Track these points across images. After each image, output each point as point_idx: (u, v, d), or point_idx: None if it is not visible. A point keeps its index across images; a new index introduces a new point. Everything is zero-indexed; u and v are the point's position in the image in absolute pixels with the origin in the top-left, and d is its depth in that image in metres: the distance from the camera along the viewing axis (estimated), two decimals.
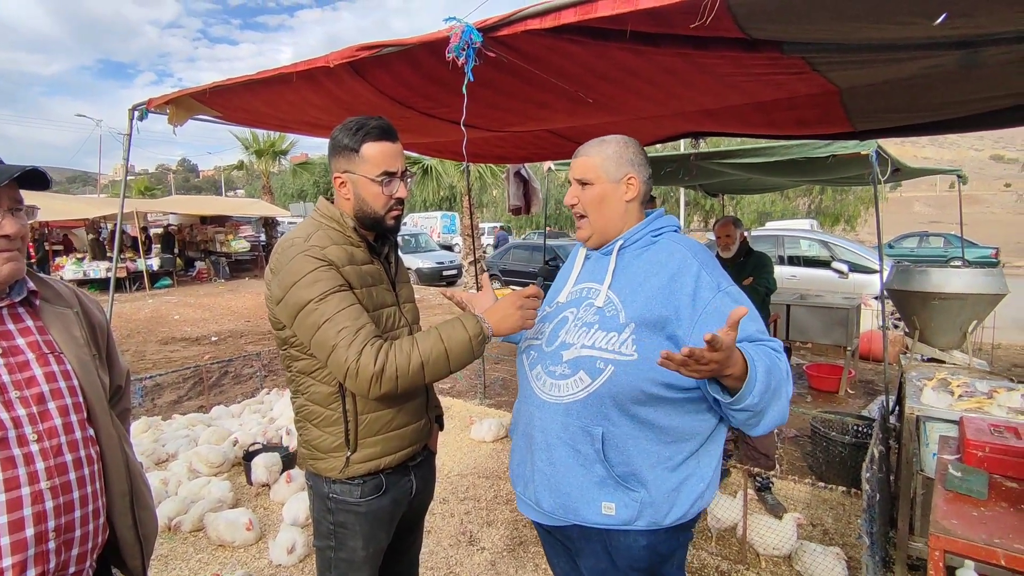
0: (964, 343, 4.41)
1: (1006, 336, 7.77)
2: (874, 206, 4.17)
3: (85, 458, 1.17)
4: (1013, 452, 1.70)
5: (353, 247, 1.54)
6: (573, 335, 1.45)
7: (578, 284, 1.56)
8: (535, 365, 1.52)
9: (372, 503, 1.57)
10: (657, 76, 2.39)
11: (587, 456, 1.38)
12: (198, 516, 3.31)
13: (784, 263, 9.62)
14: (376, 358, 1.35)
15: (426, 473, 1.77)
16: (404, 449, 1.60)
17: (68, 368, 1.19)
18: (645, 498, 1.35)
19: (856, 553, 2.97)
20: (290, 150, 22.10)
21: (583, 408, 1.38)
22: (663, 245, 1.47)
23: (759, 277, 3.62)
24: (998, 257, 16.41)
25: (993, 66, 2.05)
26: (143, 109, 3.10)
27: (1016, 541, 1.36)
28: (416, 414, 1.63)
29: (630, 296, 1.41)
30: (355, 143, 1.52)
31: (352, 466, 1.53)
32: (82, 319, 1.29)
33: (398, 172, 1.55)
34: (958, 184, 6.84)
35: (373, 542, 1.60)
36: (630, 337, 1.36)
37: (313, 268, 1.43)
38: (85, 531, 1.16)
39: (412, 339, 1.42)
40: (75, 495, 1.14)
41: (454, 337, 1.42)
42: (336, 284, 1.43)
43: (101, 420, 1.23)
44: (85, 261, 15.31)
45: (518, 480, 1.56)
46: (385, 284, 1.61)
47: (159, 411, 5.66)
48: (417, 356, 1.38)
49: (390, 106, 2.81)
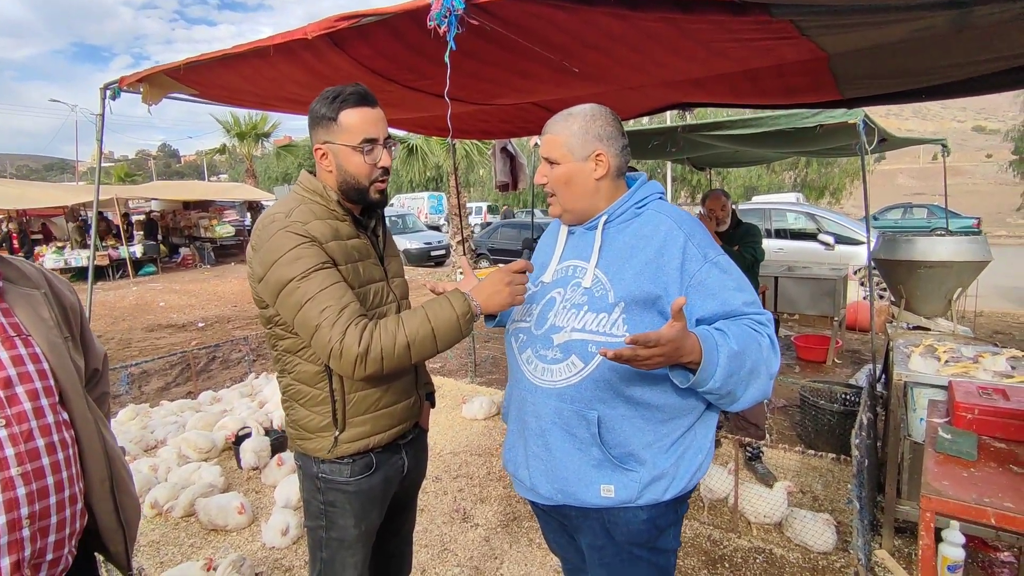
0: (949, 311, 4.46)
1: (988, 304, 7.90)
2: (860, 178, 4.18)
3: (59, 443, 1.13)
4: (1001, 413, 1.71)
5: (338, 221, 1.48)
6: (562, 318, 1.41)
7: (563, 262, 1.50)
8: (525, 348, 1.48)
9: (362, 482, 1.54)
10: (643, 43, 2.34)
11: (583, 440, 1.35)
12: (189, 501, 3.29)
13: (771, 236, 9.65)
14: (360, 339, 1.31)
15: (418, 451, 1.74)
16: (394, 428, 1.57)
17: (37, 351, 1.15)
18: (644, 477, 1.33)
19: (845, 518, 3.02)
20: (273, 132, 21.72)
21: (577, 393, 1.35)
22: (648, 217, 1.42)
23: (746, 246, 3.62)
24: (980, 227, 16.62)
25: (984, 27, 2.02)
26: (115, 88, 3.00)
27: (1005, 500, 1.37)
28: (405, 392, 1.59)
29: (618, 274, 1.36)
30: (332, 112, 1.46)
31: (340, 446, 1.50)
32: (51, 300, 1.24)
33: (380, 139, 1.49)
34: (942, 155, 6.88)
35: (364, 521, 1.58)
36: (620, 317, 1.32)
37: (295, 245, 1.37)
38: (62, 517, 1.13)
39: (398, 318, 1.37)
40: (49, 481, 1.10)
41: (441, 316, 1.37)
42: (319, 261, 1.38)
43: (75, 404, 1.18)
44: (66, 250, 15.03)
45: (510, 462, 1.53)
46: (373, 259, 1.55)
47: (147, 398, 5.60)
48: (403, 336, 1.34)
49: (372, 79, 2.74)
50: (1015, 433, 1.67)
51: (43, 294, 1.23)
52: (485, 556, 2.89)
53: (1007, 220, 23.73)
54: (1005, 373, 2.45)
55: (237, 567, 2.55)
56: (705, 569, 2.72)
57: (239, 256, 18.59)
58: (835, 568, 2.69)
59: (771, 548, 2.86)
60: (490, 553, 2.90)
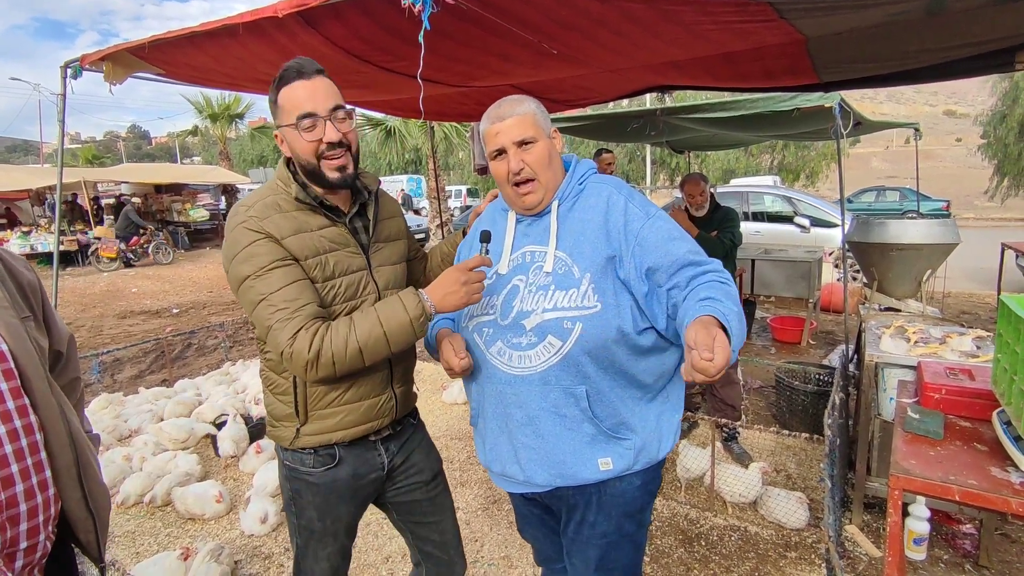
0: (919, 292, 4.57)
1: (955, 285, 8.10)
2: (836, 161, 4.23)
3: (23, 428, 1.08)
4: (967, 393, 1.76)
5: (304, 213, 1.43)
6: (529, 302, 1.40)
7: (517, 250, 1.48)
8: (494, 341, 1.44)
9: (325, 475, 1.51)
10: (623, 25, 2.32)
11: (573, 418, 1.36)
12: (165, 491, 3.24)
13: (749, 219, 9.74)
14: (311, 343, 1.29)
15: (407, 445, 1.67)
16: (360, 424, 1.51)
17: None
18: (637, 442, 1.38)
19: (817, 495, 3.11)
20: (247, 113, 21.20)
21: (561, 371, 1.35)
22: (590, 190, 1.46)
23: (724, 230, 3.65)
24: (949, 210, 17.00)
25: (957, 12, 2.04)
26: (76, 66, 2.89)
27: (969, 477, 1.41)
28: (373, 389, 1.51)
29: (576, 249, 1.39)
30: (274, 94, 1.39)
31: (302, 437, 1.48)
32: (5, 279, 1.17)
33: (320, 112, 1.36)
34: (915, 138, 6.99)
35: (329, 515, 1.54)
36: (589, 288, 1.34)
37: (249, 242, 1.35)
38: (32, 504, 1.09)
39: (350, 321, 1.34)
40: (13, 468, 1.05)
41: (393, 319, 1.33)
42: (274, 259, 1.34)
43: (37, 387, 1.12)
44: (32, 234, 14.56)
45: (495, 461, 1.51)
46: (351, 247, 1.47)
47: (120, 387, 5.49)
48: (354, 341, 1.31)
49: (346, 60, 2.68)
50: (979, 412, 1.72)
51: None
52: (466, 539, 2.88)
53: (975, 203, 24.30)
54: (971, 353, 2.52)
55: (215, 556, 2.53)
56: (682, 547, 2.78)
57: (214, 240, 18.22)
58: (807, 544, 2.77)
59: (746, 526, 2.93)
60: (470, 536, 2.92)
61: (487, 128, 1.46)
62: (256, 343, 1.54)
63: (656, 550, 2.76)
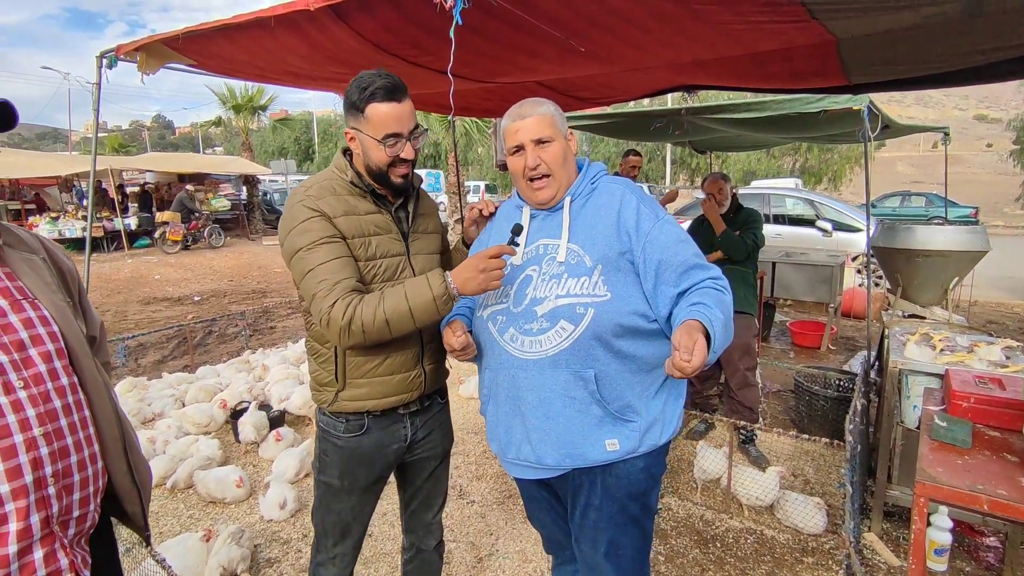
0: (944, 300, 4.50)
1: (982, 293, 7.93)
2: (859, 164, 4.18)
3: (74, 404, 1.15)
4: (996, 402, 1.73)
5: (356, 197, 1.59)
6: (543, 289, 1.48)
7: (531, 243, 1.58)
8: (506, 328, 1.52)
9: (351, 440, 1.66)
10: (650, 23, 2.31)
11: (582, 401, 1.43)
12: (187, 474, 3.31)
13: (770, 221, 9.63)
14: (345, 312, 1.43)
15: (431, 421, 1.80)
16: (390, 396, 1.64)
17: (45, 314, 1.15)
18: (642, 425, 1.45)
19: (835, 501, 3.08)
20: (269, 105, 21.41)
21: (571, 355, 1.42)
22: (602, 189, 1.57)
23: (747, 232, 3.62)
24: (977, 216, 16.63)
25: (995, 15, 2.00)
26: (111, 56, 2.95)
27: (998, 487, 1.39)
28: (404, 364, 1.65)
29: (588, 240, 1.48)
30: (361, 103, 1.51)
31: (340, 402, 1.62)
32: (50, 265, 1.24)
33: (404, 133, 1.54)
34: (944, 143, 6.85)
35: (348, 476, 1.69)
36: (600, 278, 1.44)
37: (306, 217, 1.51)
38: (84, 475, 1.15)
39: (380, 295, 1.47)
40: (69, 441, 1.12)
41: (419, 296, 1.45)
42: (325, 235, 1.49)
43: (85, 366, 1.19)
44: (60, 220, 14.87)
45: (509, 446, 1.57)
46: (393, 234, 1.63)
47: (143, 371, 5.60)
48: (382, 313, 1.44)
49: (374, 53, 2.70)
50: (1009, 422, 1.69)
51: (42, 259, 1.23)
52: (481, 532, 2.93)
53: (1004, 210, 23.75)
54: (1000, 363, 2.48)
55: (236, 538, 2.58)
56: (697, 548, 2.77)
57: (235, 230, 18.45)
58: (824, 550, 2.75)
59: (762, 529, 2.91)
60: (486, 529, 2.94)
61: (508, 125, 1.57)
62: (303, 316, 1.70)
63: (671, 550, 2.76)
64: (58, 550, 1.10)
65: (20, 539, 1.03)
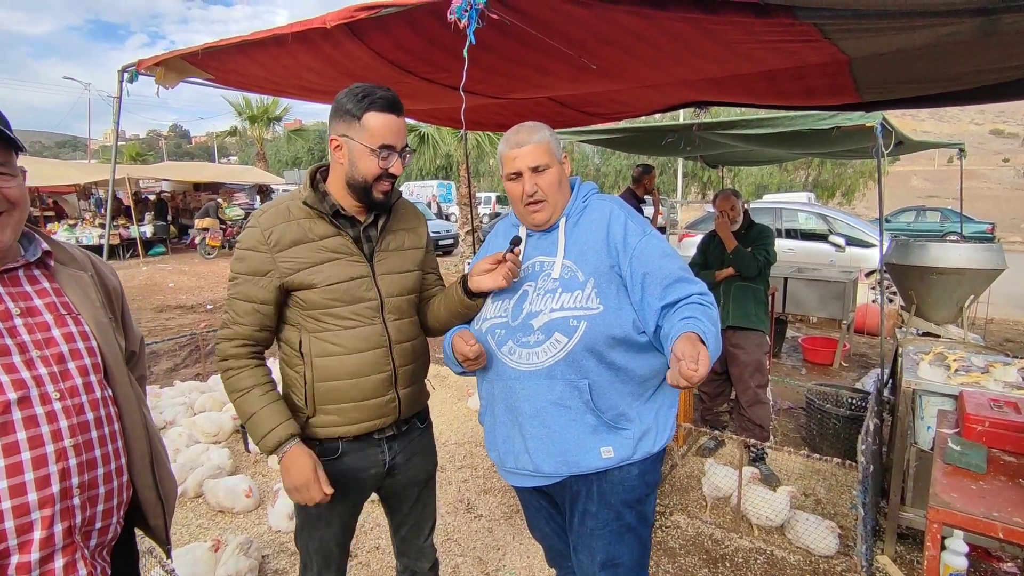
0: (960, 318, 4.43)
1: (999, 311, 7.82)
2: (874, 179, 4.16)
3: (105, 417, 1.18)
4: (1012, 427, 1.71)
5: (312, 219, 1.56)
6: (538, 303, 1.54)
7: (528, 260, 1.64)
8: (504, 342, 1.56)
9: (326, 464, 1.59)
10: (663, 41, 2.32)
11: (577, 410, 1.48)
12: (197, 482, 3.33)
13: (782, 236, 9.57)
14: (225, 359, 1.56)
15: (411, 446, 1.75)
16: (364, 422, 1.61)
17: (86, 329, 1.20)
18: (635, 432, 1.50)
19: (847, 522, 3.03)
20: (284, 116, 21.70)
21: (566, 366, 1.47)
22: (592, 206, 1.63)
23: (758, 248, 3.60)
24: (993, 232, 16.43)
25: (1011, 33, 1.99)
26: (133, 71, 3.01)
27: (1014, 515, 1.37)
28: (376, 390, 1.61)
29: (580, 256, 1.54)
30: (359, 110, 1.49)
31: (311, 428, 1.61)
32: (97, 282, 1.29)
33: (397, 147, 1.53)
34: (959, 158, 6.79)
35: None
36: (593, 291, 1.49)
37: (247, 246, 1.54)
38: (109, 488, 1.17)
39: (243, 391, 1.55)
40: (97, 453, 1.15)
41: (254, 428, 1.53)
42: (250, 271, 1.53)
43: (119, 381, 1.24)
44: (77, 227, 15.11)
45: (508, 455, 1.60)
46: (355, 256, 1.58)
47: (156, 379, 5.65)
48: (234, 400, 1.56)
49: (388, 70, 2.74)
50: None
51: (90, 276, 1.28)
52: (488, 547, 2.92)
53: (1021, 226, 23.44)
54: (1016, 384, 2.44)
55: (244, 549, 2.59)
56: (706, 567, 2.74)
57: None
58: (836, 572, 2.70)
59: (772, 550, 2.87)
60: (493, 544, 2.93)
61: (505, 152, 1.61)
62: None
63: (679, 569, 2.73)
64: (78, 560, 1.12)
65: (43, 547, 1.06)
